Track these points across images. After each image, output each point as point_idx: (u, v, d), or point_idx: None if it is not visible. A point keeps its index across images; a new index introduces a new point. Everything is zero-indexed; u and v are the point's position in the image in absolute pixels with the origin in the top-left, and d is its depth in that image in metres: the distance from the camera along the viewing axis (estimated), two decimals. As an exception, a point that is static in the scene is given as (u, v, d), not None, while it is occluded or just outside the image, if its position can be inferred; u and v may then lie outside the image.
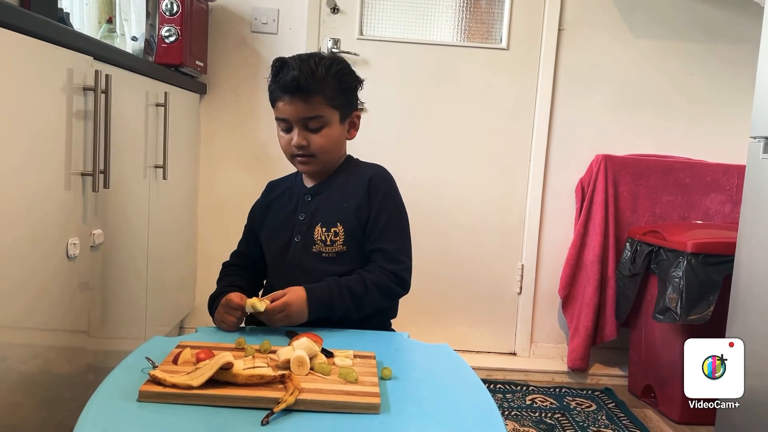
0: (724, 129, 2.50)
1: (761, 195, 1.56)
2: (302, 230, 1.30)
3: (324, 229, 1.28)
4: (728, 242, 1.79)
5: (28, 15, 1.10)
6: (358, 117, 1.36)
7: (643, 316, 2.23)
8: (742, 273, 1.63)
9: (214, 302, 1.27)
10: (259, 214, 1.41)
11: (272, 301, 1.16)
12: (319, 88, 1.24)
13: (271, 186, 1.44)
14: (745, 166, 1.63)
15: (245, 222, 1.44)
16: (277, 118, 1.29)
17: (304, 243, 1.30)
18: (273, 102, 1.29)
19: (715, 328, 1.74)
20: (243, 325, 1.25)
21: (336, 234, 1.27)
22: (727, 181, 2.41)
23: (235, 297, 1.19)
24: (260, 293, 1.39)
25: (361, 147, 1.63)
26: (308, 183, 1.36)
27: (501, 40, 2.47)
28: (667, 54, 2.48)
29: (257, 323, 1.27)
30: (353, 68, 1.33)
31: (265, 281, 1.41)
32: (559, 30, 2.44)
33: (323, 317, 1.20)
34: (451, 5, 2.48)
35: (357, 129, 1.36)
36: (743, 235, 1.63)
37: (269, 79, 1.29)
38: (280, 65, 1.26)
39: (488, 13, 2.48)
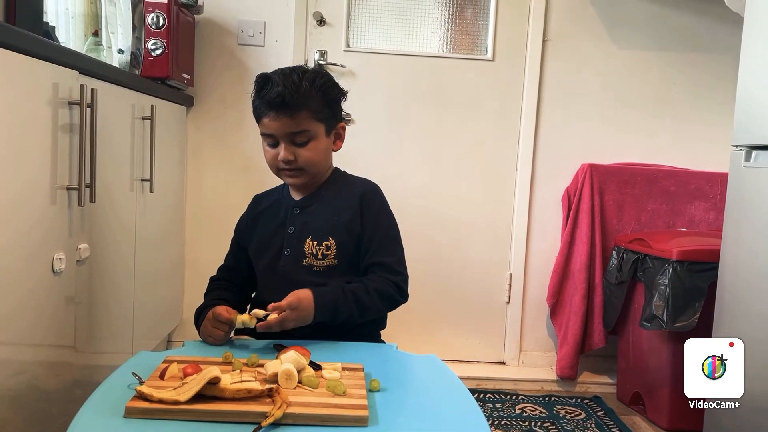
0: (707, 137, 2.53)
1: (744, 202, 1.59)
2: (292, 243, 1.30)
3: (315, 243, 1.28)
4: (713, 249, 1.80)
5: (13, 30, 1.10)
6: (344, 128, 1.36)
7: (630, 324, 2.24)
8: (726, 279, 1.64)
9: (200, 316, 1.26)
10: (246, 228, 1.40)
11: (273, 311, 1.16)
12: (304, 102, 1.24)
13: (258, 199, 1.44)
14: (728, 174, 1.66)
15: (232, 235, 1.44)
16: (262, 134, 1.29)
17: (294, 256, 1.29)
18: (258, 118, 1.29)
19: (702, 334, 1.75)
20: (231, 336, 1.25)
21: (327, 248, 1.28)
22: (710, 188, 2.44)
23: (222, 311, 1.19)
24: (248, 307, 1.38)
25: (348, 158, 1.64)
26: (296, 195, 1.35)
27: (486, 51, 2.49)
28: (650, 64, 2.51)
29: (245, 333, 1.27)
30: (339, 80, 1.34)
31: (253, 294, 1.40)
32: (544, 41, 2.47)
33: (324, 321, 1.20)
34: (437, 17, 2.50)
35: (342, 140, 1.37)
36: (727, 241, 1.65)
37: (253, 95, 1.29)
38: (263, 81, 1.26)
39: (473, 25, 2.50)
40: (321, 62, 2.40)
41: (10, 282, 1.12)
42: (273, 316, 1.15)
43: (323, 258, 1.27)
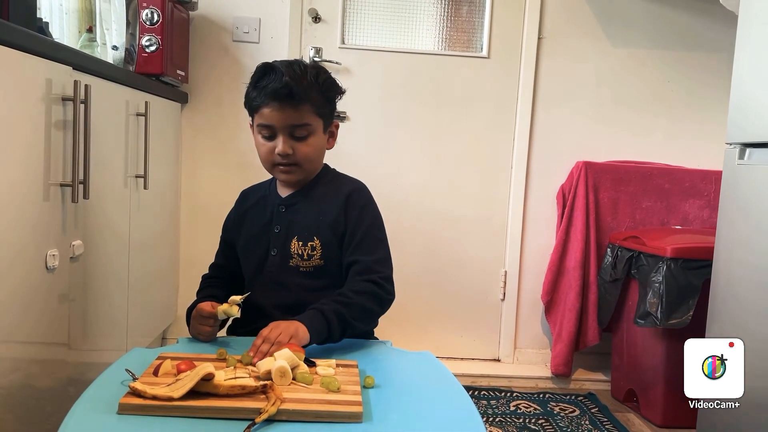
0: (702, 135, 2.54)
1: (737, 200, 1.59)
2: (278, 243, 1.28)
3: (300, 243, 1.26)
4: (707, 247, 1.81)
5: (6, 25, 1.09)
6: (337, 127, 1.34)
7: (624, 321, 2.25)
8: (720, 277, 1.65)
9: (190, 314, 1.25)
10: (233, 225, 1.38)
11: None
12: (308, 95, 1.22)
13: (245, 194, 1.42)
14: (721, 172, 1.66)
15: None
16: (259, 125, 1.25)
17: (281, 257, 1.27)
18: (256, 108, 1.24)
19: (696, 332, 1.75)
20: (224, 334, 1.25)
21: (313, 248, 1.25)
22: (704, 186, 2.45)
23: (205, 306, 1.18)
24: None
25: (343, 155, 1.64)
26: (283, 192, 1.33)
27: (482, 48, 2.49)
28: (645, 62, 2.52)
29: (237, 333, 1.27)
30: (334, 76, 1.32)
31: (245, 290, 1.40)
32: (539, 38, 2.47)
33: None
34: (432, 14, 2.50)
35: (335, 139, 1.35)
36: (721, 239, 1.65)
37: (249, 85, 1.26)
38: (266, 70, 1.23)
39: (469, 22, 2.50)
40: (316, 59, 2.40)
41: (2, 279, 1.11)
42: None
43: (309, 258, 1.25)
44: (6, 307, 1.13)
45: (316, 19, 2.43)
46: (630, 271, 2.16)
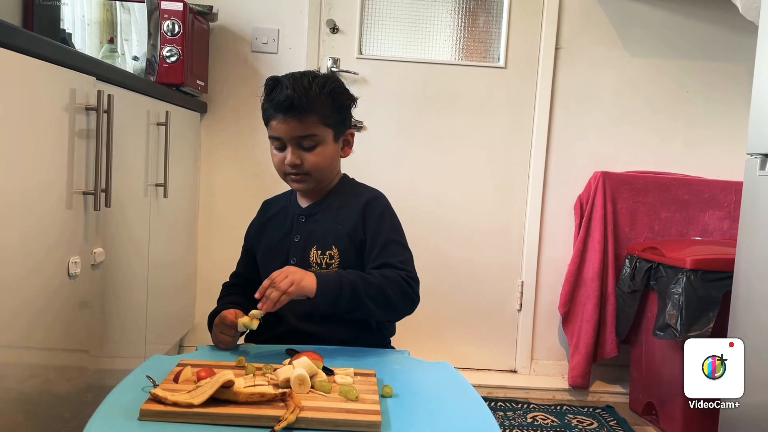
0: (721, 145, 2.51)
1: (758, 211, 1.57)
2: (298, 252, 1.30)
3: (319, 252, 1.27)
4: (727, 258, 1.79)
5: (32, 36, 1.12)
6: (352, 135, 1.35)
7: (643, 333, 2.22)
8: (741, 288, 1.63)
9: (212, 321, 1.26)
10: (254, 234, 1.40)
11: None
12: (312, 106, 1.24)
13: (267, 204, 1.44)
14: (742, 183, 1.64)
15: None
16: (270, 137, 1.29)
17: (300, 265, 1.27)
18: (266, 120, 1.28)
19: (716, 344, 1.73)
20: (242, 342, 1.26)
21: (331, 257, 1.27)
22: (724, 197, 2.42)
23: (228, 315, 1.20)
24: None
25: (360, 164, 1.64)
26: (303, 203, 1.35)
27: (499, 58, 2.50)
28: (663, 71, 2.50)
29: (255, 340, 1.28)
30: (351, 87, 1.33)
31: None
32: (556, 48, 2.46)
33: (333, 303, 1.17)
34: (449, 25, 2.50)
35: (351, 147, 1.36)
36: (741, 251, 1.64)
37: (262, 98, 1.29)
38: (274, 84, 1.26)
39: (486, 33, 2.51)
40: (334, 69, 2.42)
41: (25, 285, 1.13)
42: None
43: (327, 267, 1.27)
44: (27, 312, 1.14)
45: (334, 29, 2.45)
46: (649, 282, 2.14)
